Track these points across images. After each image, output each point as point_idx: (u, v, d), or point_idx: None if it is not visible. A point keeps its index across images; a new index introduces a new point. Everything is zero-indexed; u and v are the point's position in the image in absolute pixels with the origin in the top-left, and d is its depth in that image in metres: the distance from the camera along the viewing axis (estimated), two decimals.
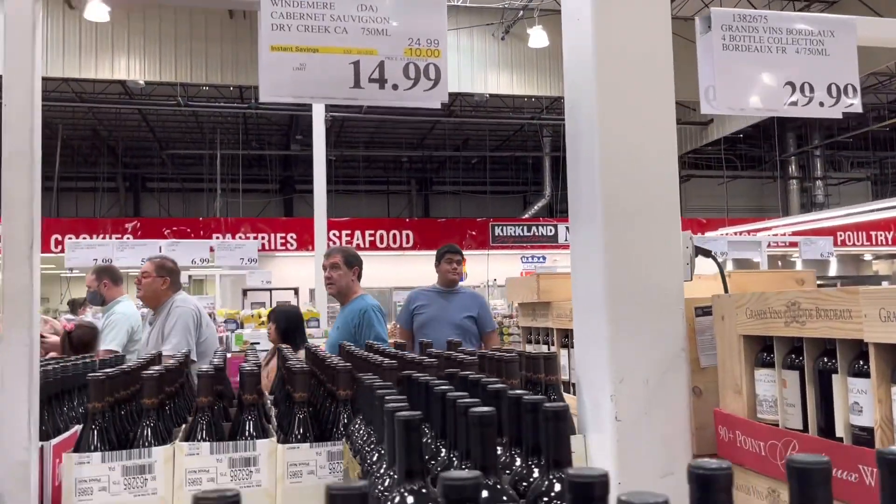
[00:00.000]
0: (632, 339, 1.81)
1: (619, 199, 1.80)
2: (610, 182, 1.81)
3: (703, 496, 0.63)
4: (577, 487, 0.61)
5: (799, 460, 0.64)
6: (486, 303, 5.48)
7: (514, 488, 1.03)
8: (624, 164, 1.82)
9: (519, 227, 16.86)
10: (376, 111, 15.44)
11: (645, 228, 1.82)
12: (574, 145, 1.94)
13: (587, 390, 1.90)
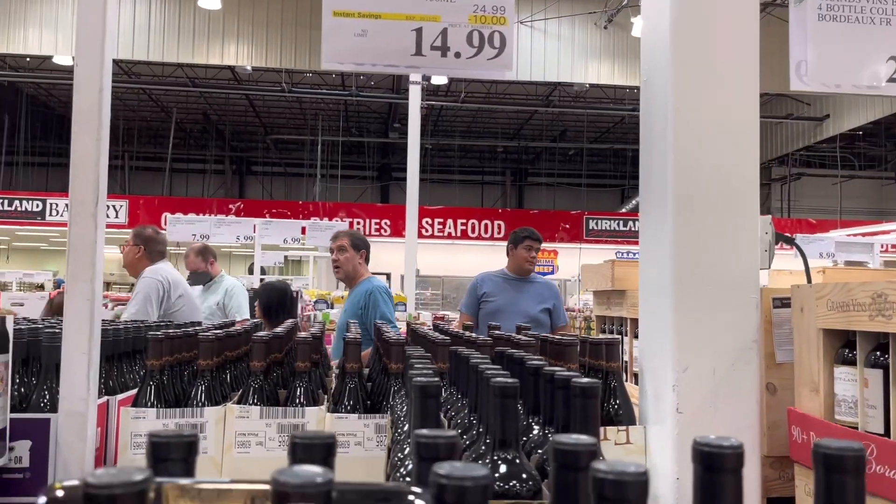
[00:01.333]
0: (699, 326, 1.70)
1: (691, 178, 1.69)
2: (683, 160, 1.70)
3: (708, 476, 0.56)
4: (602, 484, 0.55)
5: (826, 445, 0.56)
6: (560, 295, 4.99)
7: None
8: (698, 141, 1.71)
9: (615, 221, 16.48)
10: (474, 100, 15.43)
11: (718, 210, 1.71)
12: (647, 121, 1.84)
13: (649, 379, 1.81)
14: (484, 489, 0.45)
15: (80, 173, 1.56)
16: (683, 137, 1.71)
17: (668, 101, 1.72)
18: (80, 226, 1.54)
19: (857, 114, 14.80)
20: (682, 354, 1.69)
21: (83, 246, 1.54)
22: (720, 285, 1.71)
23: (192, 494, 0.49)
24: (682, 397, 1.69)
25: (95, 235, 1.56)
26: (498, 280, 4.76)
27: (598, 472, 0.47)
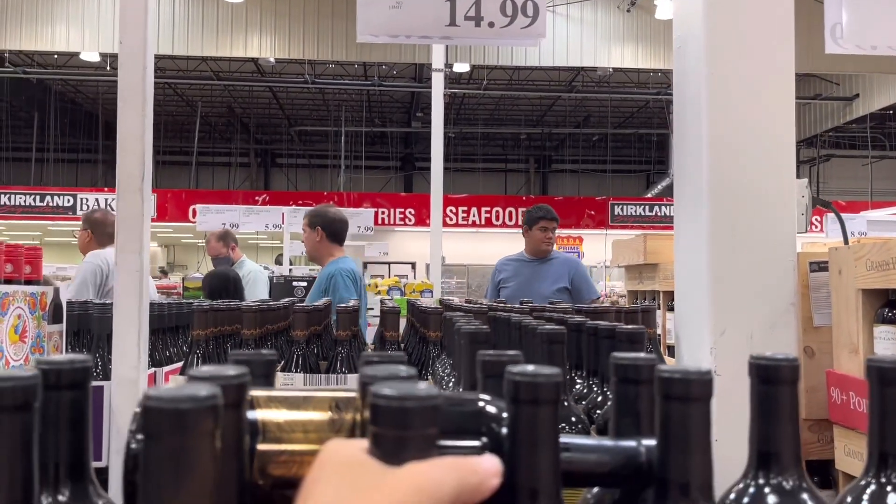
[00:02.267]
0: (736, 289, 1.70)
1: (726, 139, 1.69)
2: (717, 123, 1.70)
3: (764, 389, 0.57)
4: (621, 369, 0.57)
5: (761, 356, 0.58)
6: (583, 268, 4.52)
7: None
8: (732, 104, 1.71)
9: (640, 206, 16.35)
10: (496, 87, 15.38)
11: (754, 171, 1.70)
12: (680, 88, 1.83)
13: (686, 344, 1.81)
14: (556, 386, 0.47)
15: (126, 147, 1.59)
16: (717, 101, 1.71)
17: (702, 65, 1.72)
18: (127, 199, 1.58)
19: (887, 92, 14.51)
20: (719, 317, 1.70)
21: (131, 218, 1.58)
22: (757, 248, 1.71)
23: (280, 400, 0.51)
24: (720, 360, 1.69)
25: (142, 208, 1.60)
26: (514, 264, 4.56)
27: (664, 372, 0.49)
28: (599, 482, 0.56)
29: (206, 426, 0.36)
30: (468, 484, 0.40)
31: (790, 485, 0.56)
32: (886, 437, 0.57)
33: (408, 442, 0.40)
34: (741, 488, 0.58)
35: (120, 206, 1.60)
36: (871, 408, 0.58)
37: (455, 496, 0.39)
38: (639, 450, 0.53)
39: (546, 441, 0.47)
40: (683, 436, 0.48)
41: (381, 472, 0.39)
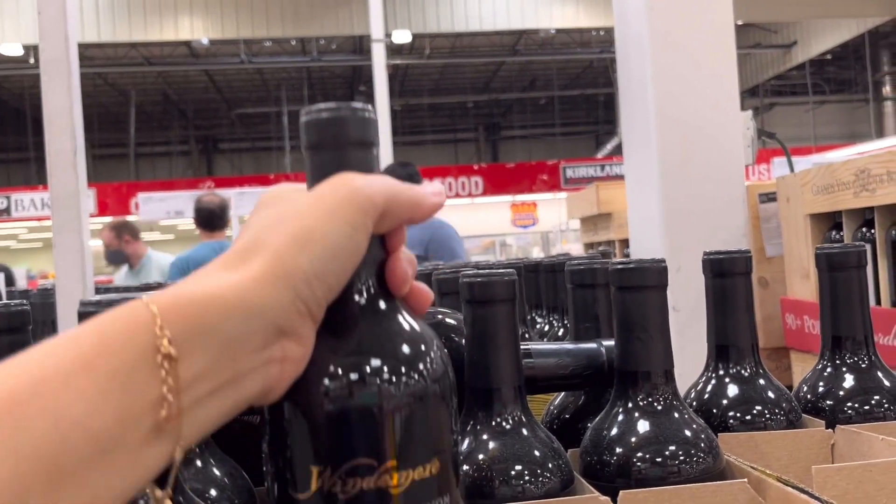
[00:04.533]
0: (688, 225, 1.72)
1: (671, 73, 1.70)
2: (660, 55, 1.70)
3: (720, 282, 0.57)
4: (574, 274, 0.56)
5: (714, 252, 0.59)
6: (443, 232, 3.63)
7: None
8: (675, 34, 1.71)
9: (592, 167, 16.47)
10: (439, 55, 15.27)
11: (699, 107, 1.72)
12: (622, 28, 1.83)
13: None
14: (511, 284, 0.46)
15: (54, 122, 1.53)
16: (659, 39, 1.71)
17: (641, 5, 1.72)
18: (59, 177, 1.52)
19: (823, 38, 14.81)
20: (673, 255, 1.72)
21: (66, 196, 1.52)
22: (706, 183, 1.73)
23: None
24: (677, 297, 1.72)
25: (77, 185, 1.54)
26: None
27: (618, 264, 0.48)
28: (564, 385, 0.55)
29: None
30: (405, 195, 0.38)
31: (748, 372, 0.56)
32: (837, 321, 0.58)
33: (344, 156, 0.38)
34: (702, 382, 0.58)
35: (53, 184, 1.54)
36: (822, 295, 0.59)
37: (388, 202, 0.37)
38: (599, 350, 0.53)
39: (505, 340, 0.46)
40: (642, 324, 0.47)
41: (313, 190, 0.37)
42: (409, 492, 0.36)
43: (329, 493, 0.36)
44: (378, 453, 0.36)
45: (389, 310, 0.38)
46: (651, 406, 0.48)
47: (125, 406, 0.30)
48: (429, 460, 0.37)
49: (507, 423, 0.46)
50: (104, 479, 0.29)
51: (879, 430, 0.52)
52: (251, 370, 0.34)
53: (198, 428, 0.33)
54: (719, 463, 0.48)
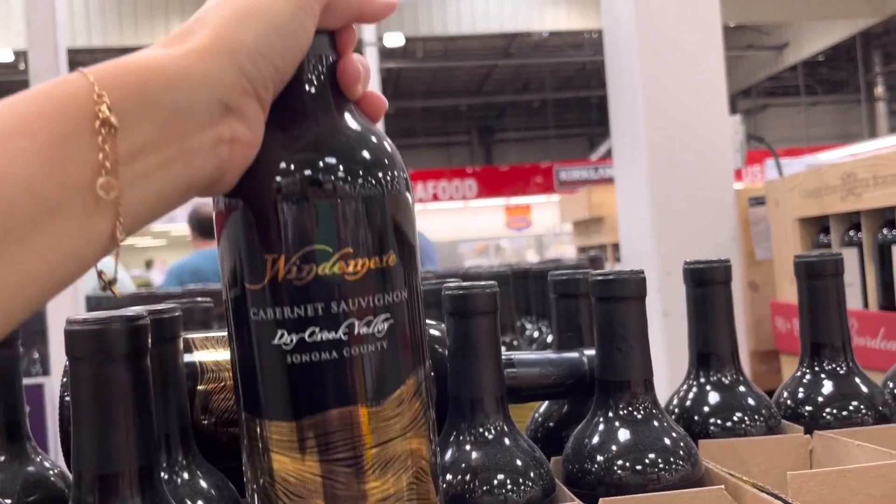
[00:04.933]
0: (678, 229, 1.74)
1: (660, 78, 1.71)
2: (649, 60, 1.72)
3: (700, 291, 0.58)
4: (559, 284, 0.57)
5: (694, 261, 0.60)
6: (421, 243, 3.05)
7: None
8: (663, 46, 1.73)
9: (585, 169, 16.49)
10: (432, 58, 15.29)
11: (689, 110, 1.73)
12: (611, 35, 1.85)
13: None
14: (492, 296, 0.47)
15: None
16: (648, 44, 1.73)
17: (630, 9, 1.73)
18: None
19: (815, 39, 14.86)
20: (664, 259, 1.73)
21: None
22: (696, 187, 1.75)
23: (217, 340, 0.50)
24: (668, 301, 1.73)
25: None
26: None
27: (598, 275, 0.49)
28: (547, 395, 0.56)
29: (131, 347, 0.35)
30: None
31: (728, 380, 0.57)
32: (816, 329, 0.59)
33: None
34: (684, 389, 0.59)
35: None
36: (801, 303, 0.60)
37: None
38: (581, 360, 0.54)
39: (486, 352, 0.47)
40: (622, 334, 0.48)
41: None
42: (365, 280, 0.36)
43: (283, 281, 0.36)
44: (332, 240, 0.36)
45: (342, 108, 0.39)
46: (631, 415, 0.49)
47: (66, 171, 0.30)
48: (385, 252, 0.37)
49: (489, 433, 0.47)
50: (49, 244, 0.29)
51: (856, 435, 0.53)
52: (200, 148, 0.34)
53: (148, 206, 0.33)
54: (698, 470, 0.49)
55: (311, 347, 0.36)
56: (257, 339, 0.37)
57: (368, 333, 0.36)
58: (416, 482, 0.38)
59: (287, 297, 0.36)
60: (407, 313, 0.38)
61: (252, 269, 0.36)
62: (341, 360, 0.36)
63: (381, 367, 0.37)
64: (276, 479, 0.37)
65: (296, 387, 0.36)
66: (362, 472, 0.36)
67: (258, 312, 0.36)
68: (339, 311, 0.36)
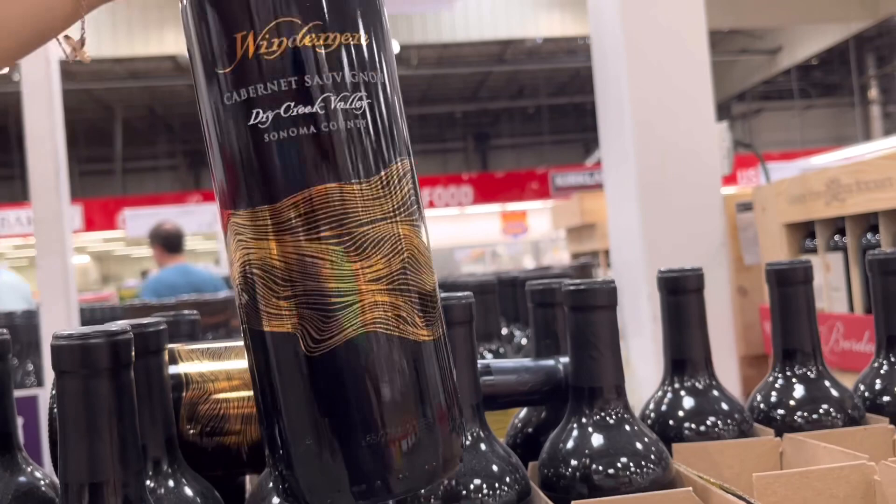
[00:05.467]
0: (667, 234, 1.76)
1: (646, 85, 1.73)
2: (635, 68, 1.74)
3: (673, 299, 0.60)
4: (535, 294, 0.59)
5: (668, 270, 0.61)
6: None
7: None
8: (650, 50, 1.75)
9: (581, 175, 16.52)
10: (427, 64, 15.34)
11: (675, 117, 1.75)
12: (598, 42, 1.87)
13: (625, 295, 1.86)
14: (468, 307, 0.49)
15: (35, 144, 1.55)
16: (634, 51, 1.75)
17: (616, 17, 1.75)
18: (41, 199, 1.54)
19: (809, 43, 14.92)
20: (653, 265, 1.75)
21: (49, 219, 1.54)
22: (684, 194, 1.76)
23: (202, 352, 0.52)
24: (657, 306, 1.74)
25: (60, 208, 1.56)
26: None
27: (570, 285, 0.51)
28: (524, 401, 0.58)
29: (114, 361, 0.37)
30: None
31: (702, 385, 0.59)
32: (787, 334, 0.60)
33: None
34: (659, 396, 0.61)
35: (36, 206, 1.55)
36: (773, 309, 0.62)
37: None
38: (557, 367, 0.55)
39: (463, 361, 0.48)
40: (594, 342, 0.50)
41: None
42: (337, 54, 0.36)
43: (254, 57, 0.35)
44: (300, 12, 0.36)
45: None
46: (604, 420, 0.50)
47: None
48: (356, 30, 0.37)
49: (465, 440, 0.49)
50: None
51: (824, 438, 0.54)
52: None
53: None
54: (669, 473, 0.50)
55: (287, 123, 0.35)
56: (234, 124, 0.36)
57: (346, 109, 0.36)
58: (409, 268, 0.37)
59: (259, 73, 0.35)
60: (384, 97, 0.38)
61: (222, 50, 0.36)
62: (319, 134, 0.36)
63: (361, 144, 0.36)
64: (263, 268, 0.36)
65: (276, 165, 0.36)
66: (350, 251, 0.36)
67: (231, 96, 0.36)
68: (313, 83, 0.35)
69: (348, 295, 0.36)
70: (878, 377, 0.62)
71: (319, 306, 0.36)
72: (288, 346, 0.36)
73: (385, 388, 0.36)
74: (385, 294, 0.36)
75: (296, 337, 0.36)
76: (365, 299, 0.36)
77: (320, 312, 0.36)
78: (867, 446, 0.55)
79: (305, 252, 0.36)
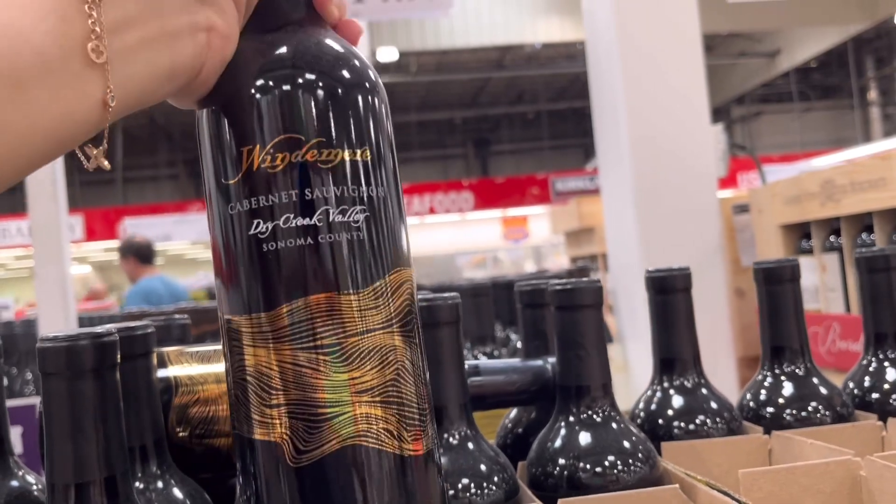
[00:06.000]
0: (664, 237, 1.76)
1: (641, 89, 1.74)
2: (630, 72, 1.74)
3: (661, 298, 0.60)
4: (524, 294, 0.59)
5: (655, 269, 0.62)
6: None
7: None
8: (646, 55, 1.75)
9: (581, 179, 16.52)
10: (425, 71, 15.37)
11: (670, 120, 1.76)
12: (593, 44, 1.87)
13: (622, 297, 1.86)
14: (454, 308, 0.49)
15: None
16: (628, 60, 1.75)
17: (611, 22, 1.76)
18: (39, 209, 1.54)
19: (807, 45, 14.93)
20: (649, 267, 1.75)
21: (47, 229, 1.54)
22: (679, 197, 1.77)
23: (191, 355, 0.52)
24: None
25: (58, 217, 1.57)
26: None
27: (556, 285, 0.51)
28: (512, 401, 0.58)
29: (99, 362, 0.37)
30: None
31: (691, 384, 0.59)
32: (775, 332, 0.61)
33: None
34: (648, 395, 0.61)
35: (33, 214, 1.56)
36: (761, 308, 0.62)
37: None
38: (545, 367, 0.56)
39: (449, 361, 0.49)
40: (580, 341, 0.50)
41: None
42: (339, 169, 0.37)
43: (258, 170, 0.37)
44: (304, 129, 0.37)
45: (318, 23, 0.41)
46: (591, 419, 0.51)
47: (61, 31, 0.33)
48: (360, 146, 0.38)
49: (453, 439, 0.49)
50: (48, 98, 0.32)
51: (811, 434, 0.55)
52: (179, 31, 0.37)
53: (136, 82, 0.36)
54: (656, 471, 0.50)
55: (286, 234, 0.37)
56: (236, 232, 0.38)
57: (343, 221, 0.37)
58: (400, 379, 0.38)
59: (262, 185, 0.37)
60: (382, 210, 0.39)
61: (230, 162, 0.38)
62: (316, 245, 0.37)
63: (357, 255, 0.37)
64: (255, 374, 0.37)
65: (273, 274, 0.37)
66: (341, 360, 0.36)
67: (235, 206, 0.38)
68: (313, 197, 0.37)
69: (336, 406, 0.37)
70: (867, 374, 0.63)
71: (307, 416, 0.36)
72: (273, 456, 0.37)
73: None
74: (373, 406, 0.37)
75: (281, 447, 0.37)
76: (352, 411, 0.37)
77: (307, 423, 0.36)
78: (855, 443, 0.55)
79: (297, 360, 0.36)
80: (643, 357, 1.75)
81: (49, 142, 0.33)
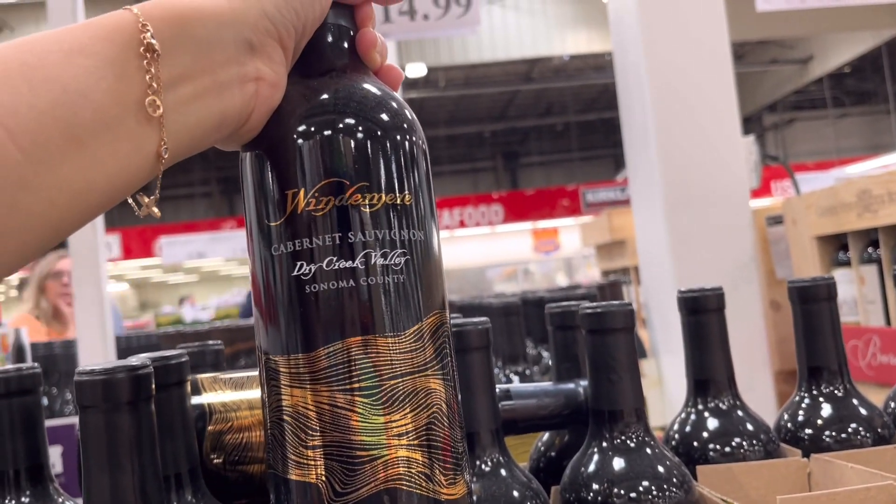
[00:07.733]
0: (696, 249, 1.74)
1: (670, 102, 1.72)
2: (659, 84, 1.73)
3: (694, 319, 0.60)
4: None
5: (688, 290, 0.61)
6: None
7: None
8: (674, 67, 1.74)
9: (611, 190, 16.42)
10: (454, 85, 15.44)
11: (701, 133, 1.74)
12: (621, 57, 1.87)
13: (655, 311, 1.84)
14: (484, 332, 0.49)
15: None
16: (657, 69, 1.74)
17: (638, 34, 1.75)
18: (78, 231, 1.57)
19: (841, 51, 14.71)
20: (682, 282, 1.73)
21: (84, 251, 1.58)
22: (712, 209, 1.75)
23: (225, 382, 0.53)
24: None
25: (95, 239, 1.60)
26: None
27: (587, 309, 0.51)
28: (545, 425, 0.58)
29: (135, 395, 0.38)
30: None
31: (726, 405, 0.58)
32: (812, 352, 0.60)
33: None
34: (683, 417, 0.60)
35: (72, 239, 1.59)
36: (796, 327, 0.61)
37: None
38: (577, 390, 0.55)
39: (480, 386, 0.49)
40: (612, 365, 0.50)
41: None
42: (381, 213, 0.38)
43: (303, 213, 0.38)
44: (349, 174, 0.38)
45: (361, 69, 0.42)
46: (624, 444, 0.50)
47: (119, 88, 0.34)
48: (401, 191, 0.39)
49: (485, 466, 0.49)
50: (106, 153, 0.34)
51: (852, 458, 0.53)
52: (229, 82, 0.38)
53: (188, 132, 0.37)
54: (691, 496, 0.50)
55: (328, 276, 0.37)
56: (278, 274, 0.39)
57: (385, 265, 0.38)
58: (436, 423, 0.38)
59: (306, 228, 0.38)
60: (422, 253, 0.39)
61: (274, 205, 0.39)
62: (357, 288, 0.37)
63: (398, 298, 0.38)
64: (293, 414, 0.38)
65: (314, 316, 0.37)
66: (378, 403, 0.37)
67: (279, 248, 0.39)
68: (356, 240, 0.38)
69: (374, 449, 0.37)
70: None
71: (344, 459, 0.37)
72: (310, 497, 0.37)
73: None
74: (411, 449, 0.37)
75: (318, 489, 0.37)
76: (390, 454, 0.37)
77: (345, 465, 0.37)
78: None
79: (336, 402, 0.37)
80: (678, 372, 1.73)
81: (105, 195, 0.35)
